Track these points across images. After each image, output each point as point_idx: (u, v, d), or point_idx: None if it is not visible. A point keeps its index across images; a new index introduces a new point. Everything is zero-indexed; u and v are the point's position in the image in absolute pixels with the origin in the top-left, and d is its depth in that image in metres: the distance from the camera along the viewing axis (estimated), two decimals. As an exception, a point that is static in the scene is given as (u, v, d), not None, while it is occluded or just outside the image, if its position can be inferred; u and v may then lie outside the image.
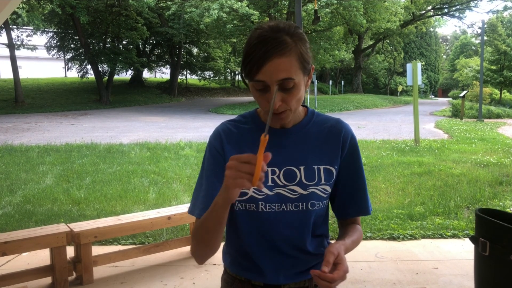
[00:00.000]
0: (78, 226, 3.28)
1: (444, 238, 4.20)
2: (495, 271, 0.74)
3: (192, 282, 3.27)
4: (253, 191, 1.12)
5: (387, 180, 6.59)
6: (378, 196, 5.80)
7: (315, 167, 1.15)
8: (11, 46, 21.90)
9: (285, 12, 24.19)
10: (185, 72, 36.35)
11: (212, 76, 37.30)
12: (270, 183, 1.13)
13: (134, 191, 5.94)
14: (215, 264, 3.59)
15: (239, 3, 20.51)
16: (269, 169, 1.13)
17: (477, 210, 0.75)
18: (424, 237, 4.22)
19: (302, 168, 1.14)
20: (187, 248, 3.86)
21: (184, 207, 3.84)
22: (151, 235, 4.24)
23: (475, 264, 0.78)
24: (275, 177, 1.13)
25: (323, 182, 1.15)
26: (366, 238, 4.20)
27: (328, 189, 1.16)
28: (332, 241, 1.10)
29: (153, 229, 3.68)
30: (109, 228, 3.30)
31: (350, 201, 1.21)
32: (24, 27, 27.96)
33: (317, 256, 1.20)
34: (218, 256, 3.95)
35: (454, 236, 4.23)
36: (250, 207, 1.13)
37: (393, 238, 4.18)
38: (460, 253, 3.81)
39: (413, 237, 4.19)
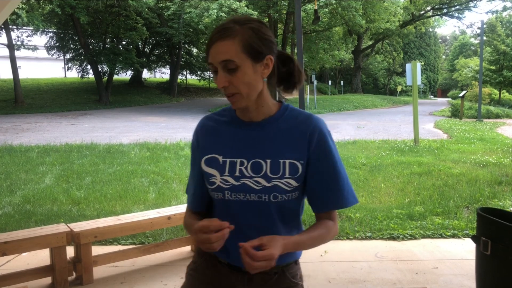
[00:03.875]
0: (78, 226, 3.28)
1: (444, 238, 4.20)
2: (497, 271, 0.75)
3: (192, 282, 3.27)
4: (220, 181, 1.20)
5: (387, 180, 6.59)
6: (378, 196, 5.81)
7: (281, 161, 1.19)
8: (11, 46, 21.88)
9: (284, 12, 24.20)
10: (184, 72, 36.34)
11: (211, 76, 37.23)
12: (237, 173, 1.20)
13: (134, 191, 5.93)
14: (215, 264, 3.59)
15: (238, 3, 20.52)
16: (238, 160, 1.21)
17: (479, 209, 0.75)
18: (424, 237, 4.22)
19: (268, 161, 1.19)
20: (187, 248, 3.86)
21: (184, 207, 3.83)
22: (151, 235, 4.24)
23: (476, 263, 0.78)
24: (243, 168, 1.20)
25: (287, 176, 1.18)
26: (366, 238, 4.20)
27: (293, 183, 1.19)
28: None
29: (153, 229, 3.69)
30: (109, 228, 3.30)
31: (321, 195, 1.23)
32: (24, 28, 27.93)
33: None
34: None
35: (454, 236, 4.23)
36: (218, 196, 1.22)
37: (393, 238, 4.19)
38: (460, 253, 3.82)
39: (413, 237, 4.19)
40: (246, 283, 1.26)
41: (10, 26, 22.41)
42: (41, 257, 3.65)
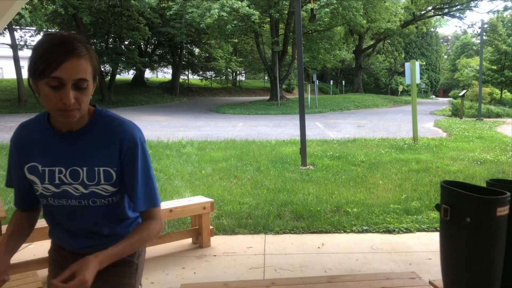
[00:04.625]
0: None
1: (439, 231, 4.30)
2: (455, 233, 0.87)
3: (193, 272, 3.39)
4: (42, 189, 1.30)
5: (385, 177, 6.70)
6: (376, 192, 5.91)
7: (96, 168, 1.28)
8: (14, 46, 22.05)
9: (285, 12, 24.30)
10: (186, 72, 36.50)
11: (213, 76, 37.45)
12: (57, 181, 1.29)
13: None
14: (215, 255, 3.71)
15: (240, 2, 20.63)
16: (56, 169, 1.28)
17: (442, 182, 0.86)
18: (419, 230, 4.33)
19: (85, 169, 1.28)
20: (189, 240, 3.98)
21: (186, 201, 3.96)
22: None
23: (440, 229, 0.89)
24: (61, 176, 1.28)
25: (103, 182, 1.29)
26: (362, 231, 4.32)
27: (110, 188, 1.30)
28: None
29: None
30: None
31: (134, 197, 1.32)
32: (27, 28, 28.11)
33: (112, 236, 1.38)
34: (218, 248, 4.04)
35: (448, 229, 4.33)
36: (43, 201, 1.33)
37: (388, 231, 4.30)
38: (453, 245, 3.92)
39: (408, 230, 4.30)
40: None
41: (13, 26, 22.59)
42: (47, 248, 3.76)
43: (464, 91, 20.61)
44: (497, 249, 0.84)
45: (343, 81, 43.15)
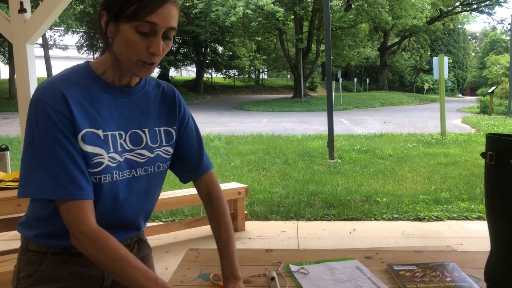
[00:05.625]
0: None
1: (470, 220, 4.34)
2: (499, 176, 0.97)
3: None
4: (108, 160, 1.03)
5: (413, 170, 6.72)
6: (404, 184, 5.95)
7: (156, 129, 1.14)
8: (45, 46, 22.81)
9: (310, 9, 24.31)
10: (210, 71, 36.89)
11: (236, 74, 37.73)
12: (119, 148, 1.06)
13: (169, 177, 6.26)
14: (250, 238, 3.86)
15: (265, 0, 20.77)
16: (116, 133, 1.05)
17: (487, 134, 0.96)
18: (449, 218, 4.38)
19: (146, 130, 1.11)
20: (224, 224, 4.14)
21: (221, 186, 4.11)
22: (189, 213, 4.54)
23: (485, 175, 0.98)
24: (122, 141, 1.06)
25: (164, 144, 1.15)
26: (392, 219, 4.39)
27: (170, 150, 1.17)
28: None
29: (194, 204, 3.98)
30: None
31: (201, 156, 1.22)
32: (55, 28, 29.01)
33: (142, 230, 1.26)
34: (252, 232, 4.22)
35: (479, 218, 4.36)
36: (106, 179, 1.03)
37: (419, 219, 4.36)
38: (486, 231, 3.95)
39: (438, 219, 4.35)
40: None
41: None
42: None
43: (493, 87, 20.20)
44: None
45: (367, 79, 42.75)
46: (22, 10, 3.43)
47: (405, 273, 1.22)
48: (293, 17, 25.57)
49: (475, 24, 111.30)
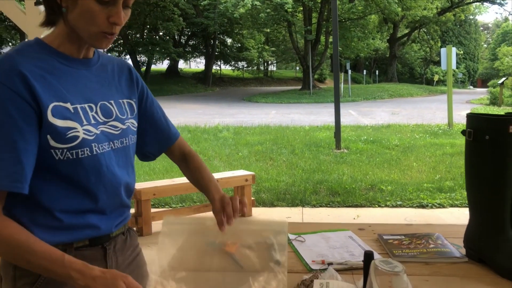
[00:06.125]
0: (139, 185, 3.75)
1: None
2: (477, 150, 1.09)
3: (238, 236, 3.69)
4: (84, 133, 0.96)
5: (419, 160, 6.79)
6: (410, 173, 6.04)
7: (120, 101, 1.08)
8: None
9: (319, 0, 24.23)
10: (219, 63, 36.99)
11: (245, 66, 37.79)
12: (93, 120, 0.99)
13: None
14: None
15: (273, -8, 20.76)
16: (86, 106, 0.99)
17: (467, 113, 1.08)
18: (452, 206, 4.48)
19: (112, 102, 1.06)
20: (231, 210, 4.29)
21: (229, 173, 4.26)
22: (198, 199, 4.69)
23: (465, 152, 1.09)
24: (94, 114, 1.00)
25: (129, 116, 1.09)
26: (396, 206, 4.50)
27: (135, 123, 1.12)
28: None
29: (202, 190, 4.12)
30: (166, 188, 3.76)
31: (167, 126, 1.22)
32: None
33: (129, 207, 1.16)
34: (259, 218, 4.39)
35: (481, 205, 4.45)
36: (84, 153, 0.95)
37: (422, 206, 4.46)
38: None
39: (441, 206, 4.45)
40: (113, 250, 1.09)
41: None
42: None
43: (503, 78, 20.03)
44: (510, 160, 1.06)
45: (377, 71, 42.48)
46: (38, 3, 3.55)
47: (393, 241, 1.35)
48: (301, 8, 25.50)
49: (487, 14, 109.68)
